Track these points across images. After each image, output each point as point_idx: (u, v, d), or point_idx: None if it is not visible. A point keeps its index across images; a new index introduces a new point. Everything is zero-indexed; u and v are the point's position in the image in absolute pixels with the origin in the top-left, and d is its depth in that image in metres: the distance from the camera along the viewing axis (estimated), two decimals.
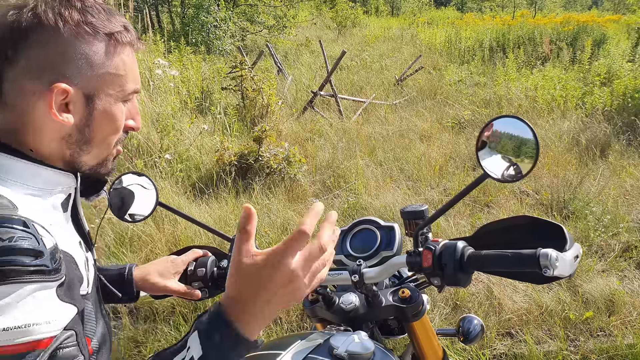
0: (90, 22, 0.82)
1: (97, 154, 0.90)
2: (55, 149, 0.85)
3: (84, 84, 0.83)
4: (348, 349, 1.05)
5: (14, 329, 0.67)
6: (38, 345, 0.69)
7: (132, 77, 0.90)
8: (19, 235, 0.70)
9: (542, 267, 0.90)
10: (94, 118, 0.86)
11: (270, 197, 4.48)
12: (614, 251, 3.54)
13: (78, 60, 0.81)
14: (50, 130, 0.83)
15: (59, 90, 0.80)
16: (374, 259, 1.30)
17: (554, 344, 2.74)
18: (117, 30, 0.86)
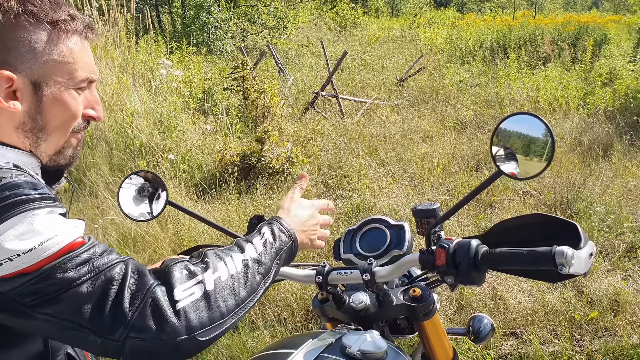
0: (30, 11, 0.85)
1: (54, 141, 0.92)
2: (15, 139, 0.88)
3: (28, 71, 0.85)
4: (361, 348, 1.04)
5: (45, 242, 0.73)
6: (72, 247, 0.76)
7: (81, 65, 0.91)
8: (15, 173, 0.78)
9: (558, 264, 0.89)
10: (44, 105, 0.88)
11: (273, 198, 4.47)
12: (618, 251, 3.54)
13: (20, 48, 0.84)
14: (4, 119, 0.86)
15: (3, 77, 0.83)
16: (383, 258, 1.29)
17: (559, 344, 2.73)
18: (62, 19, 0.88)
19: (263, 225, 1.01)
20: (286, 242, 1.01)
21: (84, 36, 0.93)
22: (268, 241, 0.96)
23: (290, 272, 1.31)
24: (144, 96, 5.53)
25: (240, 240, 0.94)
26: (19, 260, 0.71)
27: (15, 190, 0.75)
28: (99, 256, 0.77)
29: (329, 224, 1.23)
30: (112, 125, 4.97)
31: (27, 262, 0.72)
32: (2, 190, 0.74)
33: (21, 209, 0.73)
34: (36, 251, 0.72)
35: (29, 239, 0.72)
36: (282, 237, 1.00)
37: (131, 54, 6.41)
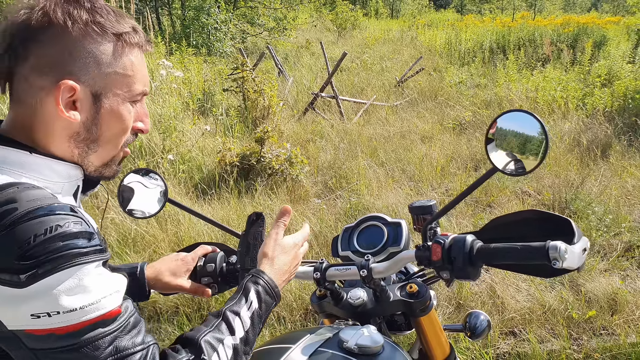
0: (98, 22, 0.85)
1: (103, 153, 0.92)
2: (64, 148, 0.87)
3: (91, 82, 0.85)
4: (358, 342, 1.05)
5: (88, 306, 0.73)
6: (110, 315, 0.75)
7: (140, 78, 0.91)
8: (72, 220, 0.75)
9: (551, 259, 0.91)
10: (101, 117, 0.88)
11: (272, 198, 4.48)
12: (616, 251, 3.55)
13: (86, 58, 0.84)
14: (58, 128, 0.85)
15: (66, 87, 0.82)
16: (381, 255, 1.31)
17: (557, 343, 2.75)
18: (126, 31, 0.88)
19: (249, 285, 0.98)
20: (271, 304, 1.00)
21: (144, 49, 0.93)
22: (255, 313, 0.95)
23: None
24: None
25: (227, 314, 0.92)
26: (57, 318, 0.71)
27: (69, 242, 0.73)
28: (127, 334, 0.77)
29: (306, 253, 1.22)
30: None
31: (63, 323, 0.71)
32: (58, 239, 0.72)
33: (74, 262, 0.72)
34: (77, 313, 0.72)
35: (76, 298, 0.72)
36: (267, 300, 0.99)
37: None
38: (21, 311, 0.70)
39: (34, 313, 0.70)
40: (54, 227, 0.72)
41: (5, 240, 0.70)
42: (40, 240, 0.70)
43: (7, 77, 0.85)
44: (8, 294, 0.69)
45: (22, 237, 0.70)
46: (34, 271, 0.69)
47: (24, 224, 0.71)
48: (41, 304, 0.70)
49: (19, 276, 0.69)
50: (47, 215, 0.73)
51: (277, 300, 1.02)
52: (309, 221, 3.98)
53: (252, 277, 1.01)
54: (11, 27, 0.82)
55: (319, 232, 3.81)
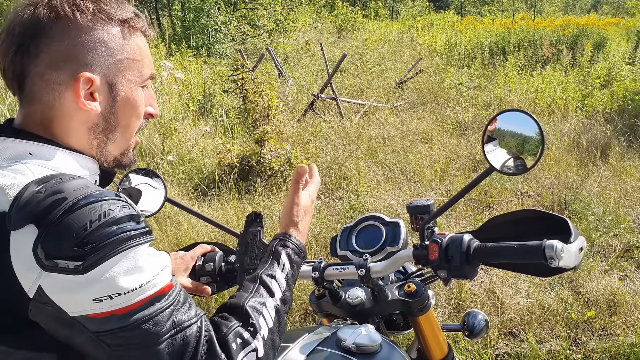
0: (104, 10, 0.85)
1: (121, 142, 0.93)
2: (84, 141, 0.88)
3: (105, 71, 0.85)
4: (356, 341, 1.06)
5: (146, 284, 0.75)
6: (164, 290, 0.78)
7: (147, 62, 0.92)
8: (121, 204, 0.77)
9: (548, 258, 0.91)
10: (118, 105, 0.89)
11: (272, 199, 4.49)
12: (615, 251, 3.55)
13: (98, 48, 0.84)
14: (78, 121, 0.86)
15: (85, 79, 0.83)
16: (379, 255, 1.31)
17: (556, 344, 2.75)
18: (130, 16, 0.89)
19: (279, 249, 1.03)
20: (300, 263, 1.05)
21: (147, 33, 0.94)
22: (289, 274, 1.00)
23: None
24: None
25: (264, 277, 0.96)
26: (118, 299, 0.72)
27: (121, 225, 0.74)
28: (180, 307, 0.79)
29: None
30: None
31: (124, 303, 0.73)
32: (110, 224, 0.73)
33: (129, 244, 0.74)
34: (136, 292, 0.73)
35: (133, 278, 0.73)
36: (297, 260, 1.04)
37: None
38: (83, 297, 0.71)
39: (96, 297, 0.71)
40: (107, 212, 0.73)
41: (61, 229, 0.71)
42: (95, 225, 0.72)
43: (20, 78, 0.85)
44: (69, 281, 0.70)
45: (78, 225, 0.71)
46: (92, 256, 0.71)
47: (76, 211, 0.72)
48: (102, 288, 0.71)
49: (80, 262, 0.70)
50: (97, 201, 0.74)
51: (304, 258, 1.07)
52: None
53: (281, 241, 1.05)
54: (20, 26, 0.82)
55: (319, 233, 3.81)
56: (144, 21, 0.93)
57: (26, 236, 0.70)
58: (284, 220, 1.11)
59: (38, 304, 0.71)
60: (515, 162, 1.02)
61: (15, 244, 0.71)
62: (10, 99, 5.22)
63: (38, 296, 0.70)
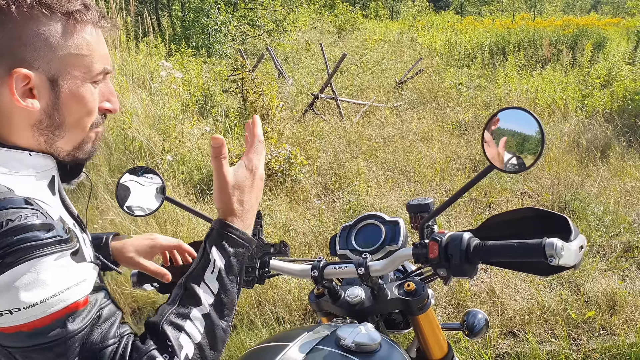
0: (44, 3, 0.79)
1: (71, 138, 0.88)
2: (29, 138, 0.84)
3: (45, 67, 0.80)
4: (355, 339, 1.05)
5: (49, 299, 0.70)
6: (76, 307, 0.73)
7: (98, 56, 0.86)
8: (25, 213, 0.72)
9: (548, 256, 0.91)
10: (62, 101, 0.83)
11: (272, 199, 4.48)
12: (615, 251, 3.55)
13: (36, 42, 0.79)
14: (18, 118, 0.81)
15: (19, 75, 0.78)
16: (379, 253, 1.31)
17: (557, 343, 2.75)
18: (76, 9, 0.83)
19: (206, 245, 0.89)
20: (242, 252, 0.91)
21: (99, 26, 0.88)
22: (223, 270, 0.87)
23: (286, 266, 1.32)
24: (144, 98, 5.55)
25: (188, 284, 0.85)
26: (19, 314, 0.69)
27: (24, 235, 0.70)
28: (98, 326, 0.75)
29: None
30: (111, 126, 4.99)
31: (27, 319, 0.69)
32: (10, 233, 0.69)
33: (30, 255, 0.70)
34: (38, 307, 0.69)
35: (34, 292, 0.69)
36: (234, 251, 0.89)
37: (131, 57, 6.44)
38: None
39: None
40: (5, 222, 0.69)
41: None
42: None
43: None
44: None
45: None
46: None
47: None
48: (1, 302, 0.68)
49: None
50: (1, 210, 0.70)
51: (249, 244, 0.92)
52: (308, 221, 3.99)
53: (209, 234, 0.90)
54: None
55: (319, 233, 3.81)
56: (96, 13, 0.87)
57: None
58: (217, 206, 0.95)
59: None
60: (515, 160, 1.01)
61: None
62: None
63: None
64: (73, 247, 0.76)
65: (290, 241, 3.72)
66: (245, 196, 0.94)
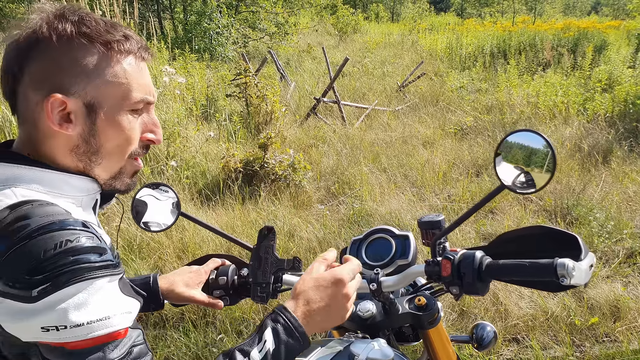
0: (84, 33, 0.84)
1: (108, 166, 0.91)
2: (69, 162, 0.88)
3: (82, 93, 0.84)
4: (368, 356, 1.07)
5: (95, 322, 0.72)
6: (118, 336, 0.75)
7: (137, 86, 0.89)
8: (82, 235, 0.75)
9: (559, 276, 0.93)
10: (98, 128, 0.87)
11: (276, 204, 4.51)
12: (618, 257, 3.57)
13: (74, 70, 0.84)
14: (58, 142, 0.86)
15: (56, 100, 0.83)
16: (389, 268, 1.33)
17: (560, 350, 2.77)
18: (115, 39, 0.87)
19: (267, 322, 0.91)
20: (294, 347, 0.90)
21: (140, 57, 0.91)
22: (269, 354, 0.87)
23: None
24: None
25: (236, 354, 0.86)
26: (65, 332, 0.71)
27: (81, 256, 0.73)
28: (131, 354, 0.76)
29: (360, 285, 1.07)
30: None
31: (71, 338, 0.71)
32: (68, 253, 0.72)
33: (83, 276, 0.72)
34: (83, 328, 0.71)
35: (82, 312, 0.71)
36: (288, 342, 0.89)
37: None
38: (32, 325, 0.71)
39: (44, 326, 0.70)
40: (64, 242, 0.72)
41: (17, 256, 0.71)
42: (50, 254, 0.71)
43: (12, 97, 0.87)
44: (19, 308, 0.70)
45: (33, 253, 0.71)
46: (44, 286, 0.70)
47: (35, 239, 0.71)
48: (50, 318, 0.70)
49: (30, 291, 0.69)
50: (58, 230, 0.73)
51: (303, 342, 0.91)
52: (312, 227, 4.01)
53: (273, 314, 0.92)
54: (11, 50, 0.85)
55: (323, 239, 3.83)
56: (137, 44, 0.90)
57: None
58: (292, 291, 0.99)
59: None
60: (526, 181, 1.03)
61: None
62: None
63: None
64: (120, 273, 0.80)
65: (295, 247, 3.74)
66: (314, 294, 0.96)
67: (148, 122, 0.94)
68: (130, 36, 0.90)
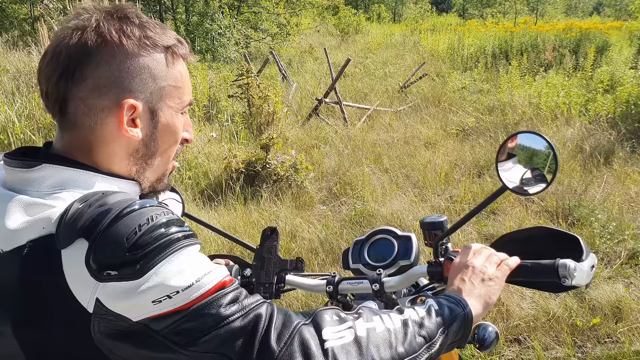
0: (149, 37, 0.85)
1: (158, 168, 0.93)
2: (123, 167, 0.88)
3: (148, 97, 0.86)
4: None
5: (202, 278, 0.74)
6: (225, 284, 0.77)
7: (187, 88, 0.93)
8: (162, 211, 0.77)
9: (561, 277, 0.94)
10: (159, 131, 0.89)
11: (278, 205, 4.52)
12: (619, 258, 3.57)
13: (142, 74, 0.84)
14: (118, 147, 0.86)
15: (129, 105, 0.83)
16: (391, 268, 1.33)
17: (562, 351, 2.77)
18: (173, 43, 0.89)
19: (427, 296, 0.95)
20: (456, 313, 0.93)
21: (188, 60, 0.93)
22: (432, 308, 0.91)
23: (302, 281, 1.35)
24: None
25: (399, 306, 0.92)
26: (177, 297, 0.72)
27: (168, 228, 0.74)
28: (245, 297, 0.78)
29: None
30: None
31: (184, 300, 0.72)
32: (158, 227, 0.73)
33: (177, 245, 0.74)
34: (194, 287, 0.73)
35: (188, 276, 0.73)
36: (451, 307, 0.93)
37: None
38: (141, 300, 0.71)
39: (155, 299, 0.71)
40: (153, 217, 0.74)
41: (111, 237, 0.71)
42: (145, 229, 0.72)
43: (62, 102, 0.84)
44: (127, 287, 0.70)
45: (127, 231, 0.72)
46: (145, 259, 0.71)
47: (123, 218, 0.73)
48: (159, 289, 0.71)
49: (133, 267, 0.70)
50: (141, 208, 0.75)
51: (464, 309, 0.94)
52: (314, 228, 4.02)
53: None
54: (66, 50, 0.82)
55: (325, 240, 3.84)
56: (186, 48, 0.93)
57: (77, 251, 0.71)
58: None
59: (98, 317, 0.71)
60: (527, 183, 1.04)
61: (67, 261, 0.72)
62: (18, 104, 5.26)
63: (97, 309, 0.71)
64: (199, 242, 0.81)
65: (297, 248, 3.75)
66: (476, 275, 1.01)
67: (185, 121, 0.96)
68: (181, 40, 0.92)
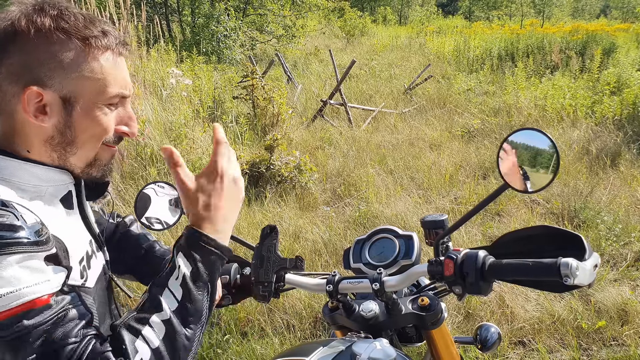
0: (62, 28, 0.86)
1: (83, 155, 0.93)
2: (43, 153, 0.90)
3: (58, 87, 0.86)
4: (370, 355, 1.06)
5: (8, 295, 0.73)
6: (35, 305, 0.75)
7: (113, 81, 0.91)
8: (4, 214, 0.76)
9: (563, 276, 0.92)
10: (74, 120, 0.89)
11: (282, 206, 4.51)
12: (626, 260, 3.54)
13: (50, 64, 0.85)
14: (32, 133, 0.88)
15: (32, 93, 0.85)
16: (392, 268, 1.32)
17: (567, 353, 2.75)
18: (94, 35, 0.89)
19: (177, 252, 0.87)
20: (213, 261, 0.88)
21: (117, 52, 0.93)
22: (189, 277, 0.85)
23: (302, 280, 1.34)
24: (155, 105, 5.59)
25: (152, 288, 0.85)
26: None
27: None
28: (61, 325, 0.77)
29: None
30: None
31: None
32: None
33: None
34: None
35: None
36: (207, 258, 0.88)
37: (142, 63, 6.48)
38: None
39: None
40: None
41: None
42: None
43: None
44: None
45: None
46: None
47: None
48: None
49: None
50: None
51: (220, 250, 0.89)
52: (318, 228, 4.00)
53: (177, 239, 0.90)
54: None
55: (329, 241, 3.82)
56: (115, 40, 0.92)
57: None
58: (186, 214, 0.95)
59: None
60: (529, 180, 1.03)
61: None
62: None
63: None
64: (45, 251, 0.80)
65: (301, 249, 3.74)
66: (212, 199, 0.91)
67: (124, 115, 0.96)
68: (108, 32, 0.91)
